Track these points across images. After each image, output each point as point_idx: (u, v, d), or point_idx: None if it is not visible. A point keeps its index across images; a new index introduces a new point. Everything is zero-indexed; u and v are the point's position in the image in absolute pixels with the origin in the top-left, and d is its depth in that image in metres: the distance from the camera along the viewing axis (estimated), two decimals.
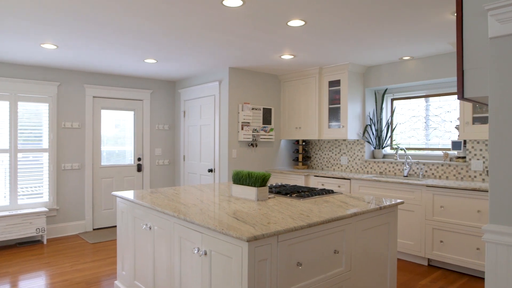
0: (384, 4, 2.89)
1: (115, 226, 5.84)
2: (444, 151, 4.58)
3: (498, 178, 1.60)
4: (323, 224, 2.14)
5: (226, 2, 2.83)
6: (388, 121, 5.25)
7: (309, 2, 2.84)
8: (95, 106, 5.67)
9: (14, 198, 4.97)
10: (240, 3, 2.83)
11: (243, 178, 2.85)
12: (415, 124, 5.04)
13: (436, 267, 4.03)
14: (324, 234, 2.18)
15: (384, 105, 5.33)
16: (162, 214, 2.50)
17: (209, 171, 5.59)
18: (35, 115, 5.13)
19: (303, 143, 5.98)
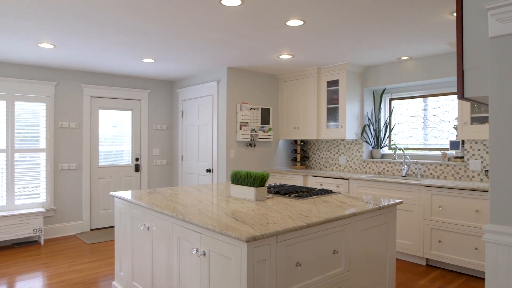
0: (383, 4, 2.88)
1: (113, 227, 5.81)
2: (442, 151, 4.58)
3: (498, 178, 1.60)
4: (322, 224, 2.14)
5: (224, 2, 2.81)
6: (387, 121, 5.25)
7: (308, 2, 2.83)
8: (93, 106, 5.65)
9: (11, 198, 4.94)
10: (238, 2, 2.82)
11: (242, 178, 2.84)
12: (413, 124, 5.04)
13: (434, 267, 4.04)
14: (323, 234, 2.17)
15: (382, 105, 5.33)
16: (161, 215, 2.49)
17: (207, 171, 5.58)
18: (32, 115, 5.10)
19: (302, 143, 5.97)
